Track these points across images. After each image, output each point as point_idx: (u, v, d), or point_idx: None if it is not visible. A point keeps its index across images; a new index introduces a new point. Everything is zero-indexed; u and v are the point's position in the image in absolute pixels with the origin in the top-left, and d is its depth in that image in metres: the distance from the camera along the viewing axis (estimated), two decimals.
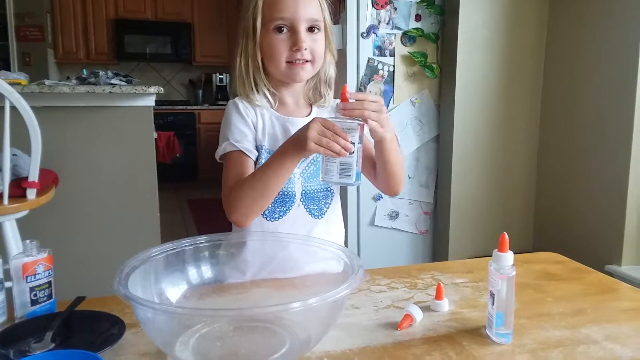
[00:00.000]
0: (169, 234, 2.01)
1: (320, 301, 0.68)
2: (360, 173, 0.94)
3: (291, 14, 1.04)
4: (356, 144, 0.91)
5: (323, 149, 0.90)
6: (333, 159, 0.92)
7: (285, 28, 1.05)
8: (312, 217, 1.14)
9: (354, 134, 0.91)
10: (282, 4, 1.04)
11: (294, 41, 1.05)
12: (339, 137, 0.89)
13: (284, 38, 1.05)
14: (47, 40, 5.18)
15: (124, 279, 0.74)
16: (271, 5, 1.05)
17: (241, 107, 1.11)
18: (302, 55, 1.05)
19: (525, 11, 2.65)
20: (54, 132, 2.28)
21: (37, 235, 0.94)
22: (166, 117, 5.57)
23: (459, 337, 0.84)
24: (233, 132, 1.08)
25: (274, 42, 1.06)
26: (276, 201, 1.09)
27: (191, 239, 0.92)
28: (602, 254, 2.33)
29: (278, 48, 1.05)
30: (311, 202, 1.13)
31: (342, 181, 0.94)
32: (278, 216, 1.11)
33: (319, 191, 1.14)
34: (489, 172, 2.73)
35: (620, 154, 2.25)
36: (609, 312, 0.95)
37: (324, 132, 0.90)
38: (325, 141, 0.89)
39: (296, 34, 1.04)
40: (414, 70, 2.68)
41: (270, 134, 1.11)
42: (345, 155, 0.90)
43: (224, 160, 1.10)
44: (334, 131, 0.90)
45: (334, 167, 0.93)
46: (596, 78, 2.39)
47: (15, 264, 0.87)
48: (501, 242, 0.82)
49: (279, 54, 1.06)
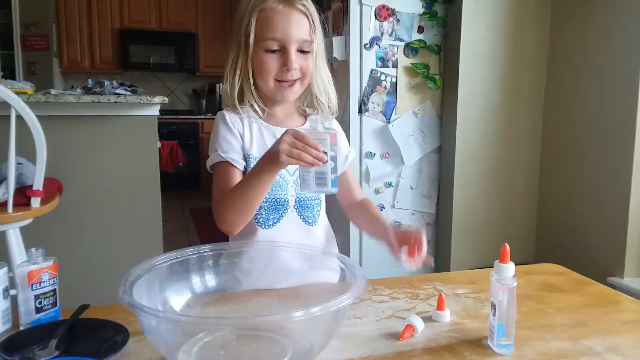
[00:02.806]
0: (172, 243, 2.01)
1: (322, 310, 0.69)
2: (336, 180, 0.93)
3: (283, 34, 1.05)
4: (329, 153, 0.91)
5: (295, 160, 0.90)
6: (308, 169, 0.92)
7: (277, 47, 1.06)
8: (306, 224, 1.15)
9: (325, 144, 0.90)
10: (275, 24, 1.05)
11: (284, 61, 1.06)
12: (310, 147, 0.89)
13: (275, 57, 1.07)
14: (53, 50, 5.22)
15: (128, 287, 0.75)
16: (264, 24, 1.06)
17: (228, 119, 1.12)
18: (291, 75, 1.07)
19: (527, 24, 2.67)
20: (58, 141, 2.29)
21: (41, 244, 0.94)
22: (170, 126, 5.59)
23: (461, 347, 0.84)
24: (221, 144, 1.10)
25: (264, 60, 1.07)
26: (269, 208, 1.11)
27: (195, 247, 0.92)
28: (604, 266, 2.33)
29: (268, 66, 1.07)
30: (305, 210, 1.14)
31: (319, 190, 0.94)
32: (272, 223, 1.12)
33: (313, 198, 1.16)
34: (491, 183, 2.74)
35: (623, 166, 2.25)
36: (611, 324, 0.95)
37: (295, 144, 0.89)
38: (297, 152, 0.89)
39: (287, 55, 1.06)
40: (416, 82, 2.69)
41: (260, 144, 1.12)
42: (318, 165, 0.90)
43: (213, 170, 1.12)
44: (305, 142, 0.89)
45: (310, 177, 0.93)
46: (598, 90, 2.40)
47: (21, 271, 0.88)
48: (503, 253, 0.82)
49: (269, 72, 1.07)
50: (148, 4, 5.76)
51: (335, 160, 0.92)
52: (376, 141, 2.69)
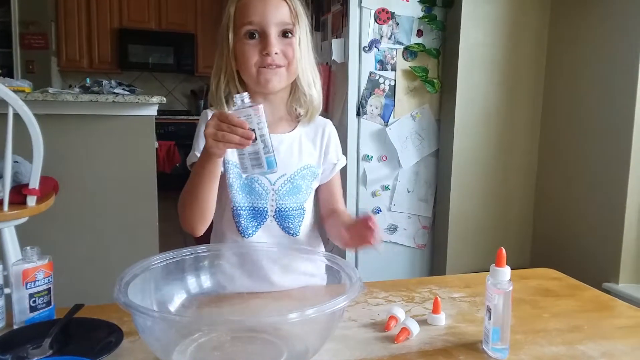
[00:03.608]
0: (168, 243, 2.01)
1: (317, 312, 0.69)
2: (273, 159, 0.88)
3: (260, 17, 1.02)
4: (257, 130, 0.86)
5: (222, 143, 0.86)
6: (242, 151, 0.87)
7: (256, 33, 1.03)
8: (287, 234, 1.12)
9: (251, 120, 0.86)
10: (251, 8, 1.02)
11: (264, 45, 1.02)
12: (235, 127, 0.85)
13: (254, 43, 1.03)
14: (51, 48, 5.21)
15: (124, 287, 0.74)
16: (242, 11, 1.03)
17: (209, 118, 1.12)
18: (272, 60, 1.03)
19: (526, 28, 2.67)
20: (55, 139, 2.29)
21: (36, 242, 0.94)
22: (167, 126, 5.58)
23: (456, 351, 0.84)
24: (198, 144, 1.06)
25: (244, 47, 1.04)
26: (248, 217, 1.08)
27: (191, 248, 0.92)
28: (600, 272, 2.33)
29: (248, 53, 1.03)
30: (285, 220, 1.11)
31: (256, 171, 0.89)
32: (252, 232, 1.09)
33: (293, 209, 1.11)
34: (488, 187, 2.74)
35: (619, 171, 2.26)
36: (606, 329, 0.95)
37: (220, 126, 0.85)
38: (221, 134, 0.85)
39: (266, 38, 1.02)
40: (414, 85, 2.70)
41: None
42: (248, 145, 0.85)
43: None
44: (229, 122, 0.85)
45: (245, 159, 0.88)
46: (596, 95, 2.41)
47: (16, 270, 0.87)
48: (498, 257, 0.82)
49: (249, 59, 1.03)
50: (147, 4, 5.76)
51: (264, 139, 0.87)
52: (374, 144, 2.69)
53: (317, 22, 3.16)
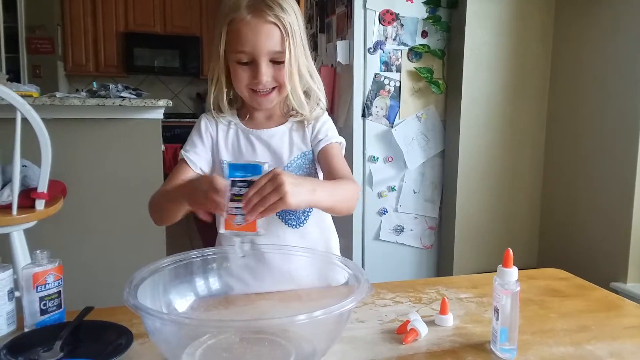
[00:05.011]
0: (174, 245, 2.02)
1: (325, 314, 0.69)
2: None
3: (251, 48, 1.03)
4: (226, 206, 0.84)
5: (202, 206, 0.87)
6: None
7: (247, 60, 1.05)
8: (288, 227, 1.14)
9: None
10: (243, 37, 1.03)
11: (255, 74, 1.05)
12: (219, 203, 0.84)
13: (246, 69, 1.06)
14: (57, 53, 5.24)
15: (133, 289, 0.75)
16: (234, 36, 1.04)
17: (203, 122, 1.17)
18: (263, 86, 1.06)
19: (531, 29, 2.67)
20: (63, 143, 2.31)
21: (45, 246, 0.95)
22: (173, 129, 5.60)
23: (463, 352, 0.84)
24: (188, 143, 1.16)
25: (236, 71, 1.07)
26: None
27: (199, 250, 0.93)
28: (607, 271, 2.32)
29: (240, 76, 1.07)
30: (286, 212, 1.13)
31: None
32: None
33: None
34: (494, 187, 2.74)
35: (626, 171, 2.25)
36: (614, 329, 0.95)
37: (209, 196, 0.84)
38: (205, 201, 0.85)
39: (257, 67, 1.05)
40: (420, 86, 2.70)
41: (235, 148, 1.15)
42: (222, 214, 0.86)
43: None
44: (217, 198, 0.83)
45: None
46: (601, 95, 2.40)
47: (26, 273, 0.88)
48: (506, 258, 0.82)
49: (241, 82, 1.07)
50: (153, 7, 5.79)
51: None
52: (379, 145, 2.69)
53: (321, 23, 3.16)
